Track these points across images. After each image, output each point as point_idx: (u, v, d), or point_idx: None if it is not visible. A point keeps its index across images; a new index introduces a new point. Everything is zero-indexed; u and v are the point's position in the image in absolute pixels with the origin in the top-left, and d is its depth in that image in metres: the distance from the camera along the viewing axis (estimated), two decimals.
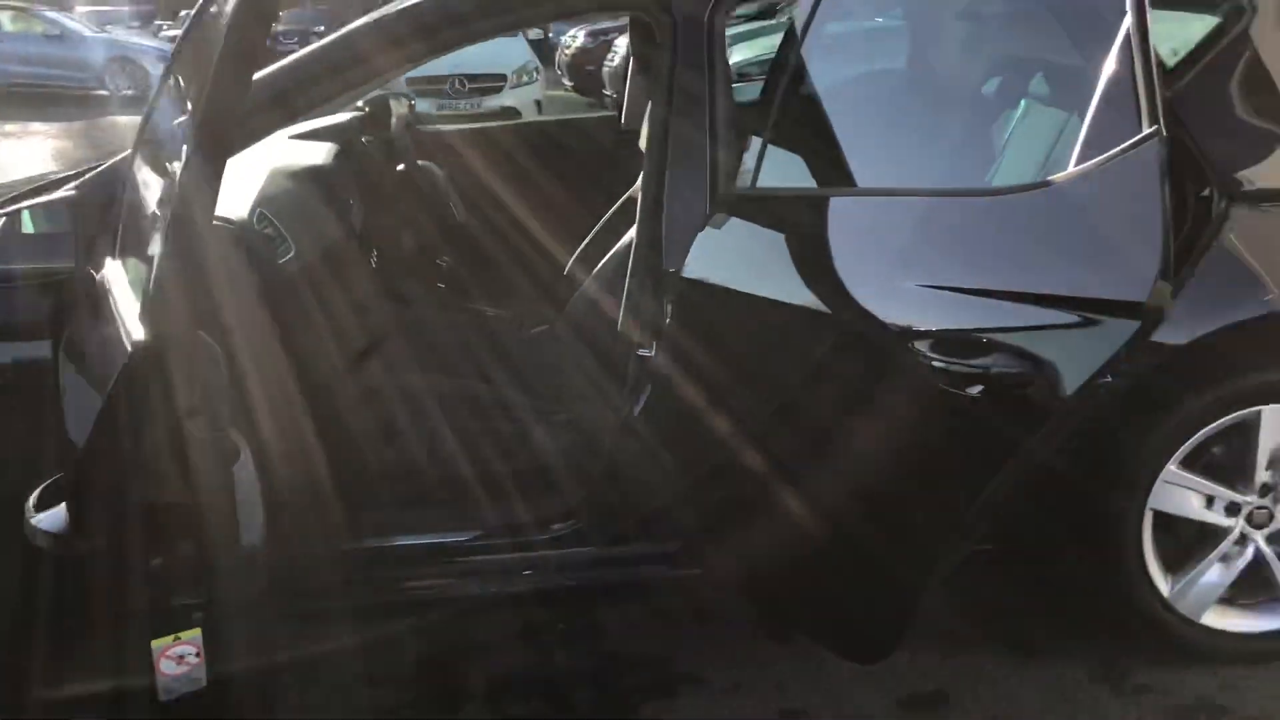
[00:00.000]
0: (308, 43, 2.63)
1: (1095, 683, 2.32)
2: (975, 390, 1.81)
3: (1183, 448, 2.19)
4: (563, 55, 14.17)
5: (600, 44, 12.77)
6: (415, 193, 3.27)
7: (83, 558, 1.63)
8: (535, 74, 10.42)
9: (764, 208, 2.05)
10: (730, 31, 2.40)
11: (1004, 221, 1.86)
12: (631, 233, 2.31)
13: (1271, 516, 2.28)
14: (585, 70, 13.11)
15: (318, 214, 2.66)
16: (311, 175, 2.76)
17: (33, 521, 1.63)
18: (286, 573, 1.88)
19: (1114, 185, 1.74)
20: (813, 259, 1.96)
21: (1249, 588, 2.33)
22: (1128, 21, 1.72)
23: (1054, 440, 1.85)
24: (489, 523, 2.25)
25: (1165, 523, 2.26)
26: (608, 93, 11.54)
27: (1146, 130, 1.71)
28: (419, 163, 3.30)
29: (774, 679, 2.36)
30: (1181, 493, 2.24)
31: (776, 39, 2.44)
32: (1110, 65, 1.78)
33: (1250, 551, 2.29)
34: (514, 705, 2.31)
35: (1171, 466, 2.20)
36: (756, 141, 2.10)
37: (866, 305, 1.83)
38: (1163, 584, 2.29)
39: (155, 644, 1.54)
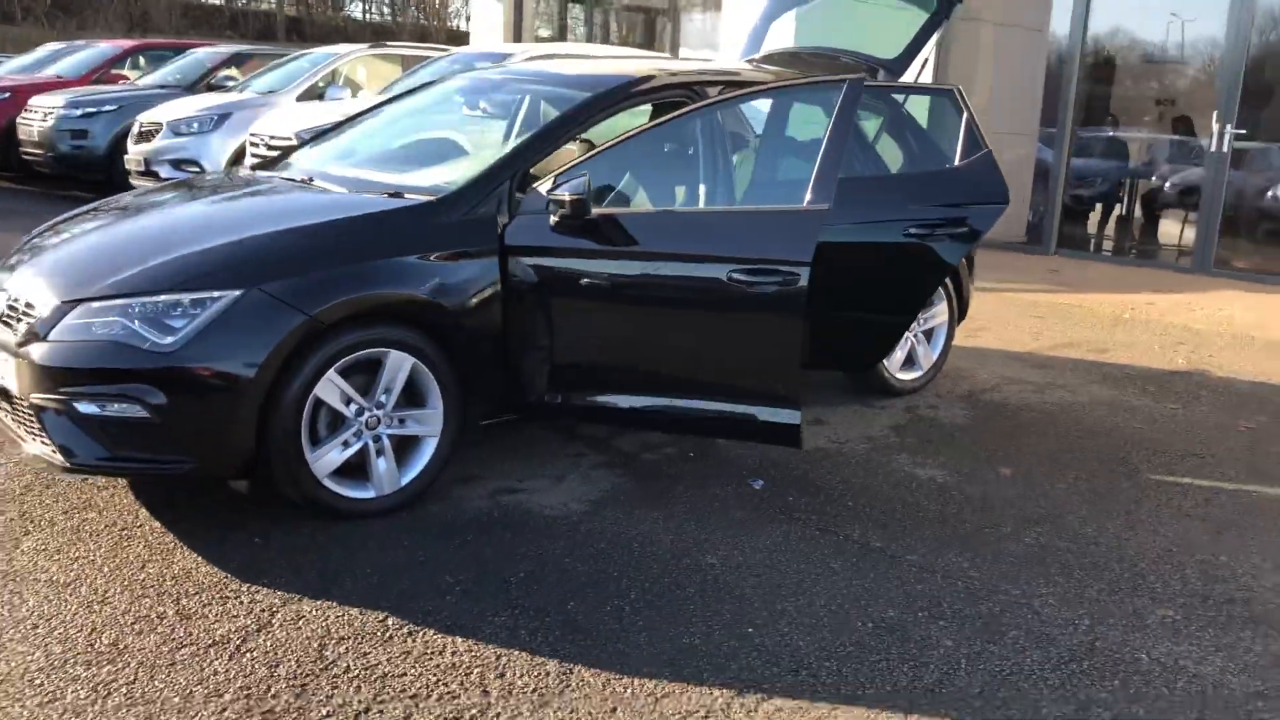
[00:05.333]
0: None
1: (865, 404, 5.20)
2: (940, 244, 4.63)
3: None
4: None
5: None
6: None
7: None
8: None
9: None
10: None
11: (950, 178, 4.73)
12: None
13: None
14: None
15: None
16: None
17: None
18: None
19: (980, 165, 4.68)
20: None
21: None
22: (964, 119, 4.71)
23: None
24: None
25: None
26: (34, 152, 11.82)
27: (985, 150, 4.69)
28: None
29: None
30: None
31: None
32: (963, 134, 4.76)
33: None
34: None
35: None
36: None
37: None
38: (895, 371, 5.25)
39: None
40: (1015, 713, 2.73)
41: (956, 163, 4.74)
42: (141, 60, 15.09)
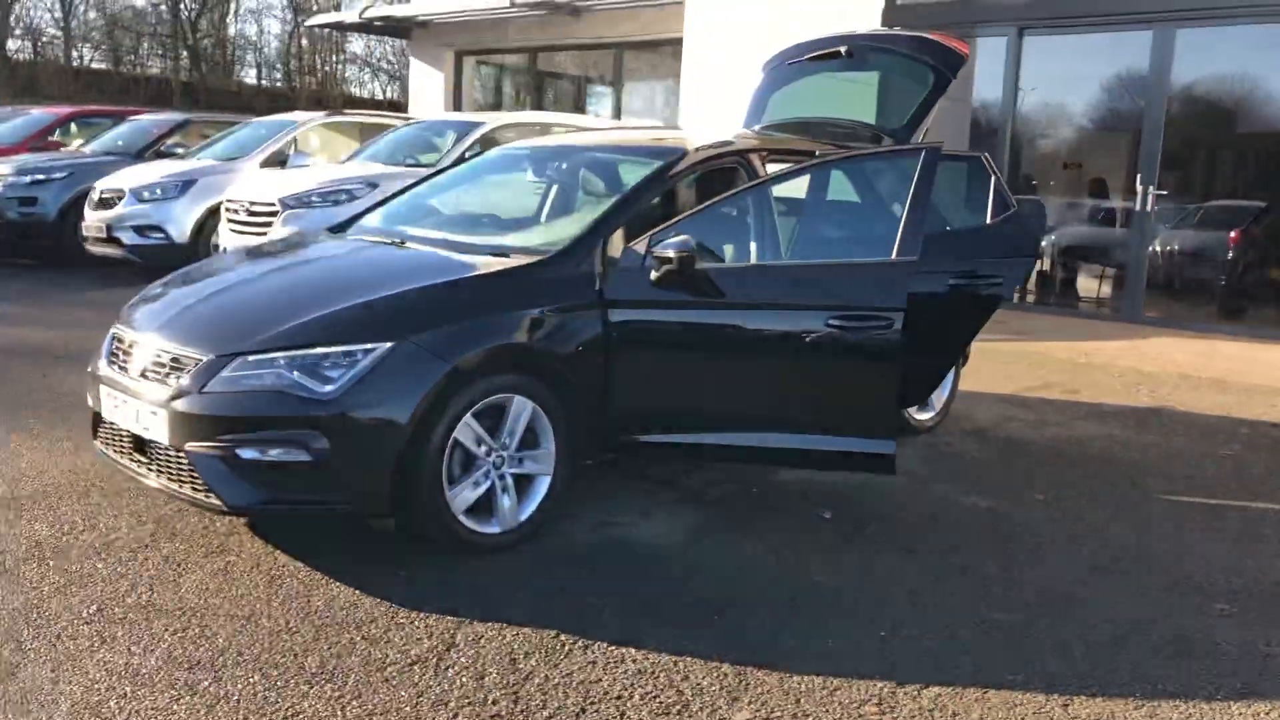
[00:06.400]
0: None
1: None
2: (978, 293, 5.11)
3: None
4: None
5: None
6: None
7: None
8: None
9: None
10: None
11: (985, 234, 5.23)
12: None
13: None
14: None
15: None
16: None
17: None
18: None
19: (1011, 222, 5.20)
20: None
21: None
22: (993, 181, 5.24)
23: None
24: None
25: None
26: None
27: (1013, 209, 5.22)
28: None
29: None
30: None
31: None
32: (992, 195, 5.28)
33: None
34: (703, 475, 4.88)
35: None
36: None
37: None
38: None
39: None
40: (1138, 690, 3.16)
41: (988, 221, 5.29)
42: (73, 127, 15.02)
